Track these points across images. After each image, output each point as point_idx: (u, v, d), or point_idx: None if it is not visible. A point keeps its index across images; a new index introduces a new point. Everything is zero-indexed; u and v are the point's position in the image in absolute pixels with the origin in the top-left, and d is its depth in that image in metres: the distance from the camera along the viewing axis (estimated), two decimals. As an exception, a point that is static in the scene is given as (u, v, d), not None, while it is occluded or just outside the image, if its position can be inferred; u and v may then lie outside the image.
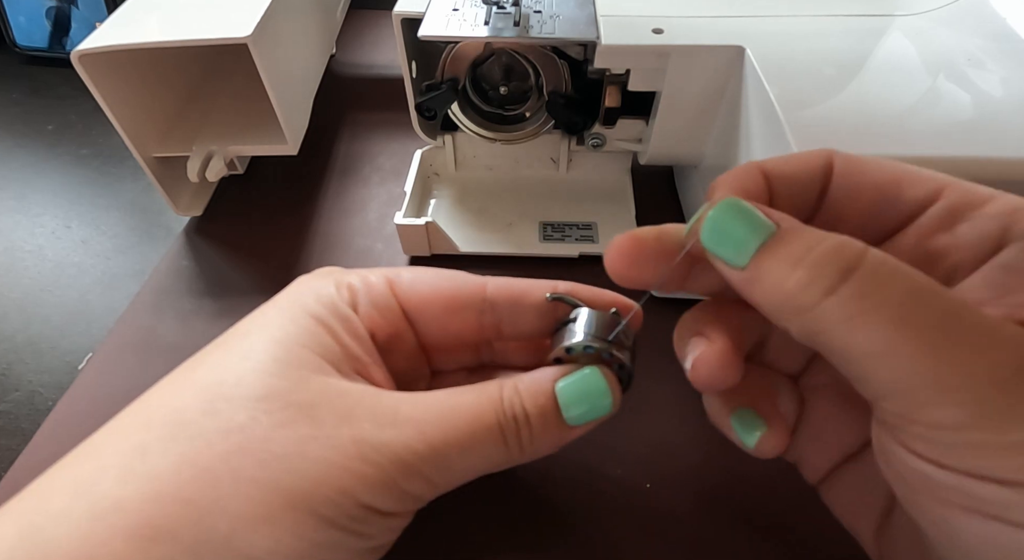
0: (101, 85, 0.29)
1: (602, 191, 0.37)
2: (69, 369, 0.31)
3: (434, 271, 0.21)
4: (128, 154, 0.32)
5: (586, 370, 0.18)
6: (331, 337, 0.18)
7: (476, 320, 0.20)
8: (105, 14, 0.48)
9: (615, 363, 0.18)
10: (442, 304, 0.20)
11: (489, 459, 0.17)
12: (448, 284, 0.20)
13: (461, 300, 0.20)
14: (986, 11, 0.28)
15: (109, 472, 0.15)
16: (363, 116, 0.44)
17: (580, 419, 0.18)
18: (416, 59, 0.32)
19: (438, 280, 0.21)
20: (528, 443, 0.17)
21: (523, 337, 0.21)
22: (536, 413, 0.17)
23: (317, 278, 0.21)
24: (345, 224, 0.37)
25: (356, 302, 0.20)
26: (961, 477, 0.12)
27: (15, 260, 0.36)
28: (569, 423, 0.18)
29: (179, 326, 0.31)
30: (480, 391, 0.18)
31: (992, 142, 0.22)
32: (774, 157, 0.17)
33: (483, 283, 0.20)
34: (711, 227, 0.14)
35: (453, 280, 0.21)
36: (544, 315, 0.20)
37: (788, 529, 0.24)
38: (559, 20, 0.30)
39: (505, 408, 0.17)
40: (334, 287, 0.20)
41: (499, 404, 0.17)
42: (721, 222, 0.14)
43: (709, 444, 0.26)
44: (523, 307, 0.20)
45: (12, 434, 0.28)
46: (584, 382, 0.18)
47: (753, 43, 0.27)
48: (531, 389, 0.18)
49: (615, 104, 0.31)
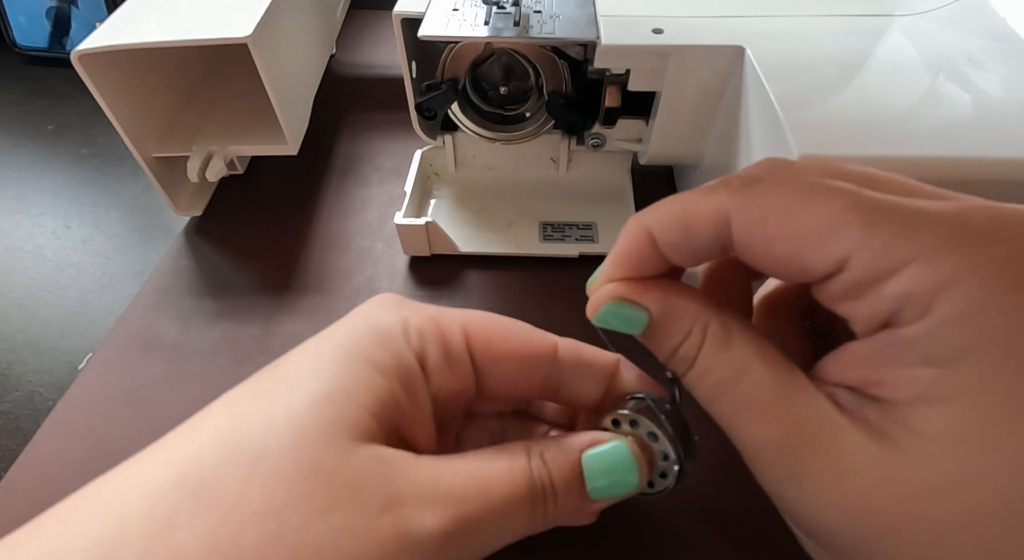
0: (101, 85, 0.29)
1: (602, 191, 0.37)
2: (69, 369, 0.31)
3: (506, 321, 0.20)
4: (128, 154, 0.32)
5: (616, 442, 0.18)
6: (388, 393, 0.17)
7: (541, 378, 0.19)
8: (105, 14, 0.48)
9: (659, 451, 0.18)
10: (516, 363, 0.19)
11: (514, 532, 0.17)
12: (522, 340, 0.19)
13: (535, 359, 0.19)
14: (986, 11, 0.28)
15: (132, 541, 0.14)
16: (363, 116, 0.44)
17: (602, 492, 0.17)
18: (416, 59, 0.32)
19: (513, 335, 0.19)
20: (552, 514, 0.17)
21: (576, 403, 0.21)
22: (561, 483, 0.17)
23: (383, 310, 0.19)
24: (345, 224, 0.37)
25: (425, 352, 0.18)
26: None
27: (15, 260, 0.36)
28: (591, 496, 0.17)
29: (179, 326, 0.31)
30: (512, 459, 0.17)
31: (992, 142, 0.22)
32: (662, 212, 0.16)
33: (554, 343, 0.20)
34: (600, 324, 0.17)
35: (527, 336, 0.20)
36: (602, 385, 0.20)
37: (787, 529, 0.24)
38: (559, 20, 0.30)
39: (535, 479, 0.17)
40: (401, 331, 0.18)
41: (529, 475, 0.17)
42: (606, 322, 0.17)
43: (709, 444, 0.26)
44: (590, 372, 0.20)
45: (12, 434, 0.28)
46: (611, 455, 0.17)
47: (753, 43, 0.26)
48: (558, 460, 0.17)
49: (615, 104, 0.31)
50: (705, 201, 0.15)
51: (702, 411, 0.17)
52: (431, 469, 0.16)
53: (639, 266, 0.17)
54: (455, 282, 0.33)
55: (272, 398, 0.16)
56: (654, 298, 0.17)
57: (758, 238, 0.14)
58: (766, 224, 0.14)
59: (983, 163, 0.21)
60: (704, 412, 0.17)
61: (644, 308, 0.17)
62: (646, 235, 0.16)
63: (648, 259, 0.17)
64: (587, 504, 0.17)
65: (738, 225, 0.15)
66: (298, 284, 0.33)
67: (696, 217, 0.15)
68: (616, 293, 0.17)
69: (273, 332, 0.31)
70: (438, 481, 0.16)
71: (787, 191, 0.14)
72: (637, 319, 0.17)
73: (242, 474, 0.15)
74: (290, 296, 0.33)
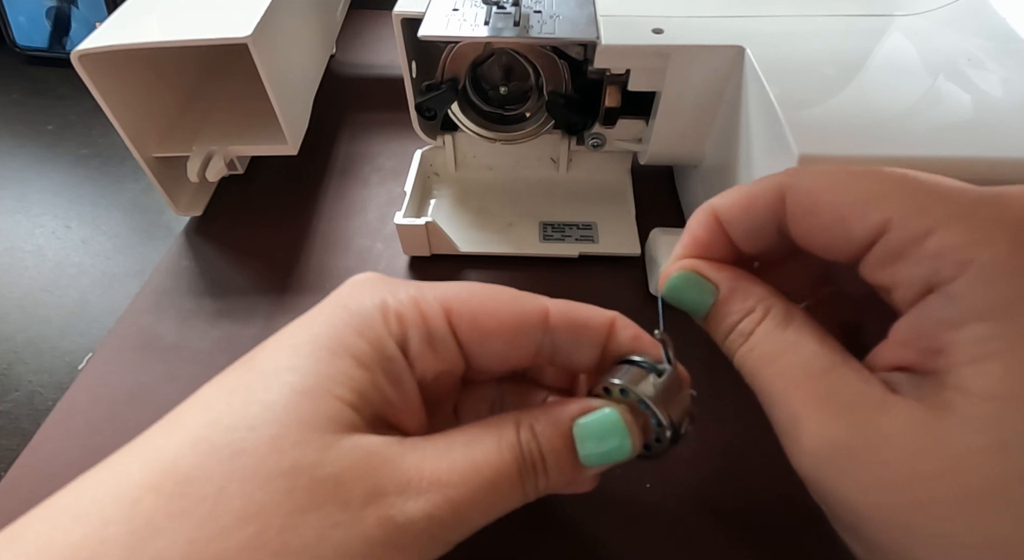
0: (101, 85, 0.29)
1: (602, 191, 0.37)
2: (69, 369, 0.31)
3: (490, 291, 0.19)
4: (128, 154, 0.32)
5: (607, 409, 0.17)
6: (369, 383, 0.16)
7: (533, 348, 0.19)
8: (105, 14, 0.48)
9: (653, 418, 0.18)
10: (505, 337, 0.18)
11: (505, 508, 0.17)
12: (509, 312, 0.18)
13: (524, 330, 0.18)
14: (986, 11, 0.28)
15: (113, 548, 0.13)
16: (363, 116, 0.44)
17: (595, 459, 0.17)
18: (416, 59, 0.32)
19: (499, 306, 0.18)
20: (545, 485, 0.17)
21: (573, 368, 0.20)
22: (552, 454, 0.17)
23: (362, 293, 0.18)
24: (345, 224, 0.37)
25: (406, 338, 0.17)
26: None
27: (15, 260, 0.36)
28: (584, 462, 0.17)
29: (179, 326, 0.31)
30: (500, 436, 0.17)
31: (992, 142, 0.22)
32: (727, 195, 0.18)
33: (545, 308, 0.18)
34: (669, 295, 0.18)
35: (514, 305, 0.18)
36: (597, 350, 0.19)
37: (787, 530, 0.24)
38: (559, 20, 0.30)
39: (524, 454, 0.17)
40: (380, 318, 0.17)
41: (518, 450, 0.16)
42: (676, 293, 0.18)
43: (709, 444, 0.26)
44: (584, 337, 0.19)
45: (12, 434, 0.28)
46: (602, 422, 0.17)
47: (753, 43, 0.26)
48: (547, 432, 0.17)
49: (615, 104, 0.31)
50: (764, 182, 0.17)
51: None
52: (415, 456, 0.16)
53: (708, 246, 0.18)
54: (455, 282, 0.33)
55: (248, 395, 0.16)
56: (725, 276, 0.18)
57: (808, 208, 0.16)
58: (816, 196, 0.16)
59: (983, 163, 0.21)
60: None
61: (714, 284, 0.17)
62: (713, 216, 0.18)
63: (715, 240, 0.18)
64: (580, 472, 0.17)
65: (792, 198, 0.16)
66: (298, 284, 0.33)
67: (756, 195, 0.17)
68: (690, 266, 0.18)
69: (273, 332, 0.31)
70: (422, 468, 0.16)
71: (835, 171, 0.16)
72: (707, 292, 0.18)
73: (220, 475, 0.14)
74: (290, 296, 0.33)
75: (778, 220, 0.17)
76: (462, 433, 0.17)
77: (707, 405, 0.27)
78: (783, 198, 0.16)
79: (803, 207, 0.16)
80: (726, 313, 0.17)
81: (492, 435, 0.17)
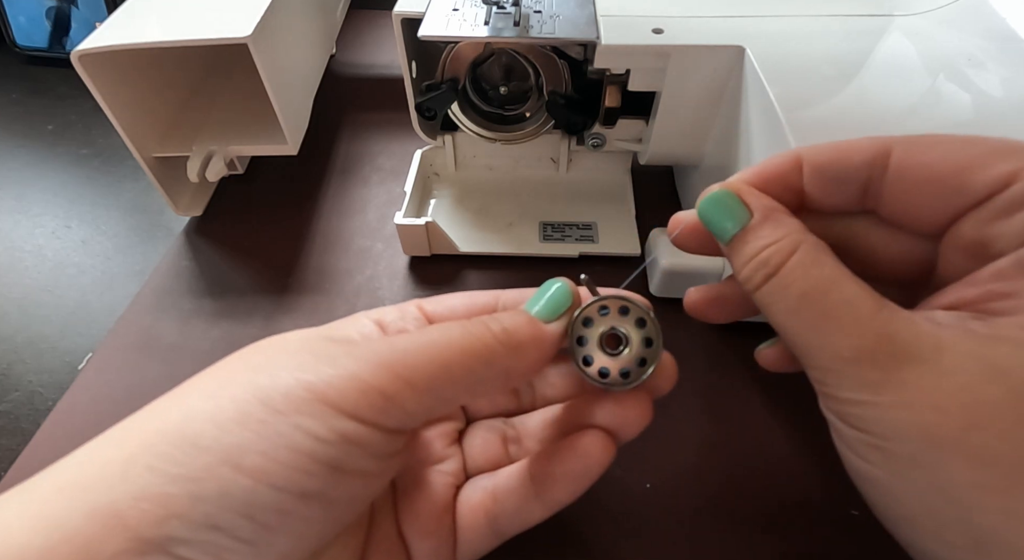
0: (101, 85, 0.29)
1: (602, 191, 0.37)
2: (69, 369, 0.31)
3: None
4: (128, 154, 0.32)
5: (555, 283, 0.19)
6: None
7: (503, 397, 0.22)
8: (105, 14, 0.48)
9: (643, 342, 0.18)
10: (464, 386, 0.17)
11: (480, 372, 0.16)
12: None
13: (479, 388, 0.17)
14: (986, 11, 0.28)
15: None
16: (363, 116, 0.44)
17: (544, 310, 0.18)
18: (416, 59, 0.32)
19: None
20: (511, 343, 0.17)
21: (556, 395, 0.22)
22: (510, 320, 0.17)
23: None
24: (345, 224, 0.37)
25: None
26: (836, 423, 0.16)
27: (15, 260, 0.36)
28: (537, 316, 0.18)
29: (179, 326, 0.31)
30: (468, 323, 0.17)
31: (992, 142, 0.22)
32: (822, 145, 0.17)
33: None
34: (703, 212, 0.18)
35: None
36: (569, 376, 0.21)
37: (787, 530, 0.24)
38: (559, 20, 0.30)
39: (477, 330, 0.17)
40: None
41: (485, 327, 0.17)
42: (709, 208, 0.18)
43: (709, 444, 0.26)
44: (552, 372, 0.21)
45: (12, 434, 0.28)
46: (547, 284, 0.19)
47: (753, 43, 0.27)
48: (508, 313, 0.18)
49: (615, 104, 0.31)
50: (861, 140, 0.17)
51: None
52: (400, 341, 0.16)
53: (771, 182, 0.17)
54: (455, 282, 0.33)
55: None
56: (763, 204, 0.17)
57: (923, 162, 0.16)
58: (932, 150, 0.16)
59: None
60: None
61: (749, 210, 0.17)
62: (795, 158, 0.17)
63: (782, 180, 0.17)
64: (538, 327, 0.18)
65: (901, 152, 0.16)
66: (298, 284, 0.33)
67: (853, 149, 0.17)
68: (730, 185, 0.17)
69: (273, 332, 0.31)
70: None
71: (946, 135, 0.16)
72: (737, 214, 0.17)
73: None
74: (290, 296, 0.33)
75: (868, 177, 0.17)
76: None
77: (707, 405, 0.27)
78: (887, 154, 0.16)
79: (917, 161, 0.16)
80: (753, 237, 0.17)
81: (461, 325, 0.17)
